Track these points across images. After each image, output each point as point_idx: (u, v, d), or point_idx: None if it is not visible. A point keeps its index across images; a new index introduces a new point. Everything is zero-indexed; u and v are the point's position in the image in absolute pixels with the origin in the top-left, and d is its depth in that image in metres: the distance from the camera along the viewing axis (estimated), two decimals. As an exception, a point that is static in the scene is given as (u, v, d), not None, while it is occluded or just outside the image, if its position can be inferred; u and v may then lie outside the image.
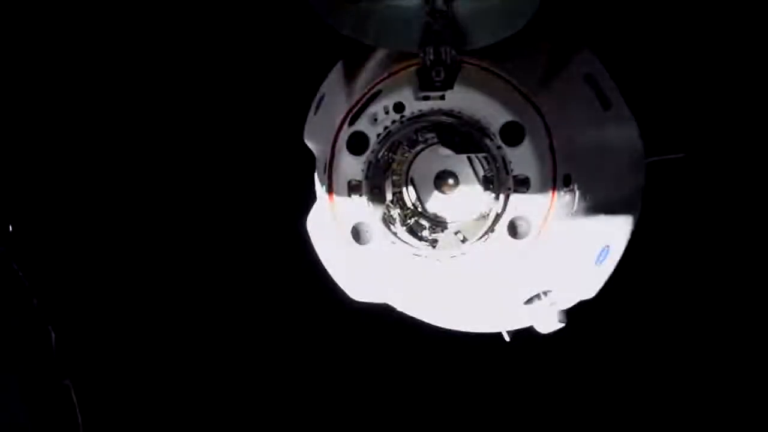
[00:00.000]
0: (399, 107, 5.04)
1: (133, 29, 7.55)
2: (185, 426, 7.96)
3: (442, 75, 4.99)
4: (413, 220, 5.11)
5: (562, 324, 5.70)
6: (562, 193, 5.03)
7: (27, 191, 7.71)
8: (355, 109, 5.13)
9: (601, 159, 5.34)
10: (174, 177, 7.83)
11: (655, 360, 7.78)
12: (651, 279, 7.58)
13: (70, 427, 6.99)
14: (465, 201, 5.09)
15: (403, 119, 5.02)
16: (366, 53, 5.38)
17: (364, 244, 5.13)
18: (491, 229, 4.98)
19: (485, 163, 5.02)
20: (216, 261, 7.92)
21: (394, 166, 5.10)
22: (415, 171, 5.13)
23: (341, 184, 5.12)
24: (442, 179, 5.12)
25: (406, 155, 5.09)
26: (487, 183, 5.03)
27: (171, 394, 7.92)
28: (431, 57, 5.00)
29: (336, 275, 5.55)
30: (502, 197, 4.96)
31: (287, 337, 7.97)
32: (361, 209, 5.08)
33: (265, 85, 7.67)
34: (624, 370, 7.81)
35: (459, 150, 5.01)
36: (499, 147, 4.96)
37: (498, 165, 4.96)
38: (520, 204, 4.97)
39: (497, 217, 4.97)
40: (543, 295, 5.34)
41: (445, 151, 5.04)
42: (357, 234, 5.13)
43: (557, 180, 5.01)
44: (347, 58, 5.48)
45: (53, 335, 6.98)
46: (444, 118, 4.98)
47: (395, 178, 5.10)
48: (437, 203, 5.14)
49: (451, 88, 4.98)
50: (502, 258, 5.04)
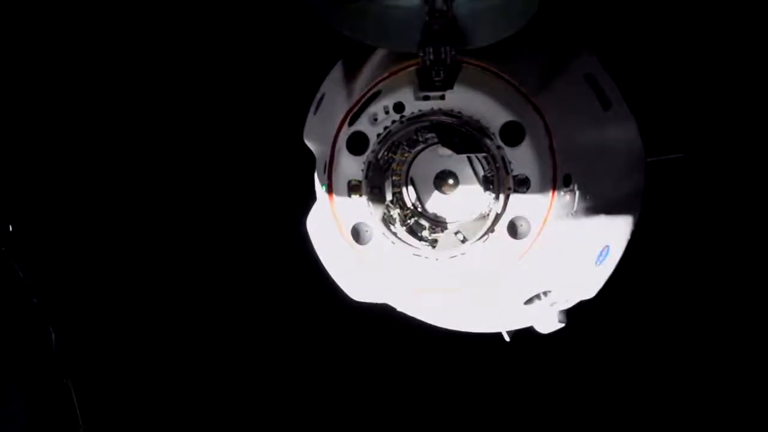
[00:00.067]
0: (399, 107, 5.03)
1: (133, 29, 7.56)
2: (185, 426, 7.97)
3: (442, 75, 4.99)
4: (413, 220, 5.10)
5: (562, 324, 5.70)
6: (562, 193, 5.02)
7: (27, 191, 7.71)
8: (355, 109, 5.13)
9: (601, 159, 5.33)
10: (174, 177, 7.83)
11: (655, 360, 7.78)
12: (651, 279, 7.59)
13: (70, 427, 6.99)
14: (465, 201, 5.09)
15: (403, 119, 5.02)
16: (366, 53, 5.37)
17: (364, 244, 5.13)
18: (491, 229, 4.98)
19: (485, 163, 5.02)
20: (216, 261, 7.92)
21: (394, 166, 5.09)
22: (415, 171, 5.13)
23: (341, 184, 5.12)
24: (442, 179, 5.12)
25: (406, 155, 5.09)
26: (487, 183, 5.02)
27: (171, 394, 7.92)
28: (431, 57, 5.00)
29: (336, 275, 5.54)
30: (502, 197, 4.96)
31: (287, 337, 7.98)
32: (361, 209, 5.08)
33: (265, 85, 7.67)
34: (624, 370, 7.81)
35: (459, 150, 5.00)
36: (499, 147, 4.95)
37: (498, 165, 4.95)
38: (520, 204, 4.97)
39: (497, 217, 4.97)
40: (543, 295, 5.33)
41: (445, 151, 5.04)
42: (357, 234, 5.13)
43: (557, 180, 5.01)
44: (347, 58, 5.48)
45: (53, 335, 6.98)
46: (444, 118, 4.97)
47: (395, 178, 5.10)
48: (437, 203, 5.13)
49: (451, 88, 4.98)
50: (502, 258, 5.03)
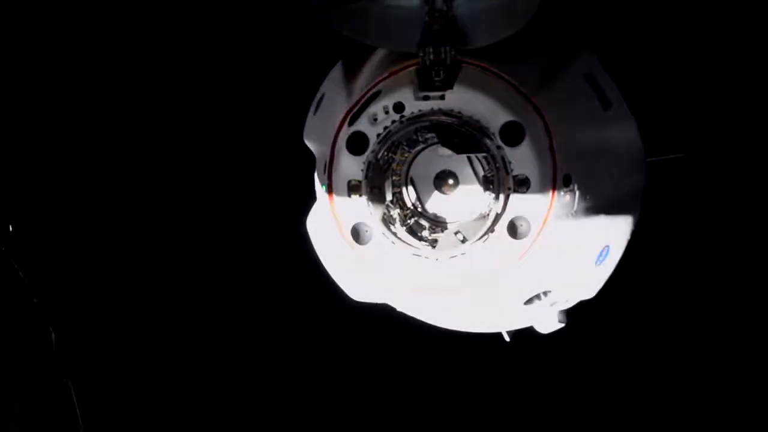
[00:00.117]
0: (399, 107, 5.03)
1: (133, 29, 7.55)
2: (185, 426, 7.97)
3: (441, 75, 4.99)
4: (413, 220, 5.10)
5: (562, 324, 5.70)
6: (562, 193, 5.02)
7: (27, 191, 7.71)
8: (355, 109, 5.13)
9: (601, 159, 5.33)
10: (174, 177, 7.83)
11: (655, 360, 7.78)
12: (651, 279, 7.59)
13: (70, 427, 6.99)
14: (465, 201, 5.09)
15: (403, 119, 5.02)
16: (366, 53, 5.37)
17: (364, 244, 5.13)
18: (491, 229, 4.97)
19: (485, 163, 5.02)
20: (216, 261, 7.92)
21: (393, 166, 5.09)
22: (415, 171, 5.13)
23: (341, 184, 5.12)
24: (442, 179, 5.11)
25: (405, 155, 5.09)
26: (487, 183, 5.02)
27: (171, 394, 7.92)
28: (431, 57, 4.99)
29: (336, 275, 5.54)
30: (502, 197, 4.96)
31: (287, 337, 7.97)
32: (361, 209, 5.08)
33: (265, 85, 7.67)
34: (624, 370, 7.81)
35: (459, 150, 5.00)
36: (499, 147, 4.95)
37: (498, 165, 4.95)
38: (520, 204, 4.97)
39: (497, 217, 4.97)
40: (543, 295, 5.33)
41: (445, 151, 5.04)
42: (357, 234, 5.13)
43: (557, 180, 5.00)
44: (347, 58, 5.47)
45: (53, 335, 6.98)
46: (444, 118, 4.97)
47: (395, 178, 5.10)
48: (437, 203, 5.13)
49: (451, 88, 4.98)
50: (502, 258, 5.03)
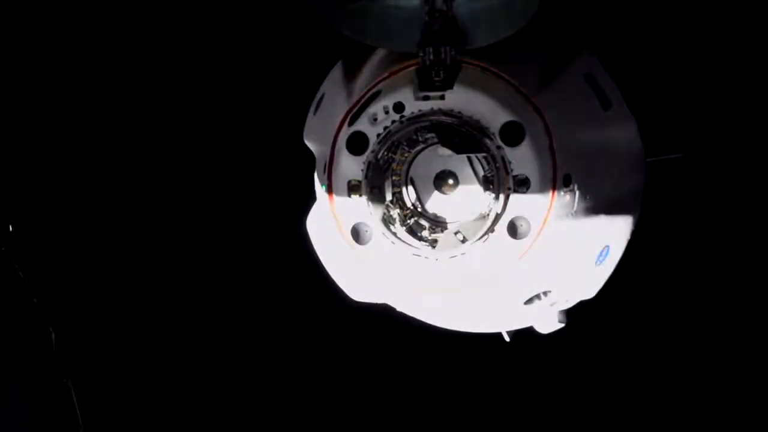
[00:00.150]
0: (399, 107, 5.03)
1: (133, 29, 7.55)
2: (185, 426, 7.97)
3: (441, 75, 4.98)
4: (413, 220, 5.10)
5: (562, 324, 5.70)
6: (562, 193, 5.02)
7: (27, 191, 7.71)
8: (355, 109, 5.13)
9: (601, 159, 5.33)
10: (174, 177, 7.83)
11: (655, 360, 7.78)
12: (651, 279, 7.59)
13: (70, 427, 6.99)
14: (465, 201, 5.09)
15: (403, 119, 5.02)
16: (366, 53, 5.37)
17: (364, 244, 5.13)
18: (491, 229, 4.97)
19: (485, 163, 5.02)
20: (216, 261, 7.92)
21: (393, 166, 5.09)
22: (415, 171, 5.13)
23: (341, 184, 5.12)
24: (441, 179, 5.11)
25: (405, 155, 5.09)
26: (487, 183, 5.02)
27: (171, 394, 7.92)
28: (431, 57, 4.99)
29: (336, 275, 5.54)
30: (502, 197, 4.96)
31: (287, 337, 7.97)
32: (361, 209, 5.08)
33: (265, 85, 7.67)
34: (624, 370, 7.81)
35: (459, 150, 5.00)
36: (499, 147, 4.95)
37: (498, 165, 4.95)
38: (520, 204, 4.97)
39: (497, 217, 4.97)
40: (543, 295, 5.33)
41: (445, 151, 5.04)
42: (357, 234, 5.13)
43: (557, 180, 5.00)
44: (347, 58, 5.47)
45: (53, 335, 6.98)
46: (444, 118, 4.97)
47: (395, 178, 5.10)
48: (437, 203, 5.13)
49: (451, 88, 4.98)
50: (502, 258, 5.03)
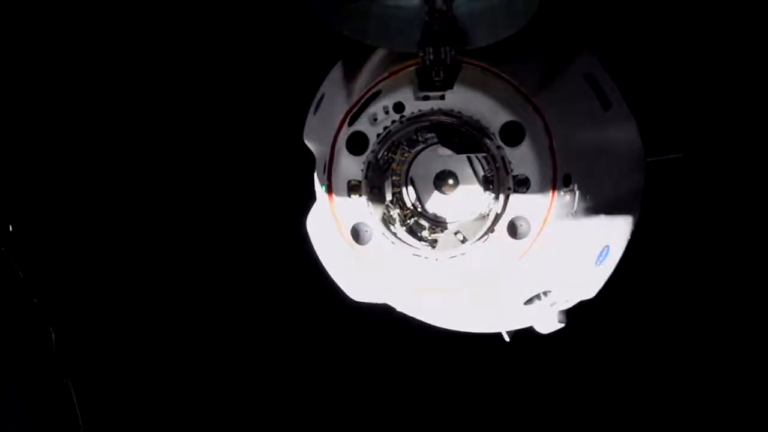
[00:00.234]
0: (399, 107, 5.03)
1: (133, 29, 7.55)
2: (185, 426, 7.97)
3: (441, 75, 4.98)
4: (413, 220, 5.10)
5: (562, 324, 5.70)
6: (562, 193, 5.02)
7: (27, 191, 7.71)
8: (355, 109, 5.13)
9: (601, 159, 5.33)
10: (174, 177, 7.83)
11: (655, 360, 7.78)
12: (651, 279, 7.59)
13: (70, 427, 6.99)
14: (465, 201, 5.09)
15: (403, 119, 5.02)
16: (366, 53, 5.37)
17: (364, 244, 5.13)
18: (491, 229, 4.97)
19: (485, 163, 5.02)
20: (216, 261, 7.92)
21: (393, 166, 5.09)
22: (415, 171, 5.13)
23: (341, 184, 5.12)
24: (441, 179, 5.11)
25: (405, 155, 5.09)
26: (487, 183, 5.02)
27: (171, 394, 7.92)
28: (431, 57, 4.99)
29: (336, 275, 5.54)
30: (502, 197, 4.96)
31: (287, 337, 7.97)
32: (361, 209, 5.08)
33: (265, 85, 7.66)
34: (624, 370, 7.81)
35: (459, 150, 5.00)
36: (499, 147, 4.95)
37: (498, 165, 4.95)
38: (520, 204, 4.97)
39: (497, 217, 4.97)
40: (543, 296, 5.33)
41: (445, 151, 5.04)
42: (357, 234, 5.13)
43: (557, 180, 5.00)
44: (347, 58, 5.47)
45: (53, 335, 6.98)
46: (444, 118, 4.97)
47: (395, 178, 5.10)
48: (437, 203, 5.13)
49: (451, 88, 4.98)
50: (502, 258, 5.03)
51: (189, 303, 7.92)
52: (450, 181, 5.11)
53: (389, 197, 5.08)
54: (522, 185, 4.96)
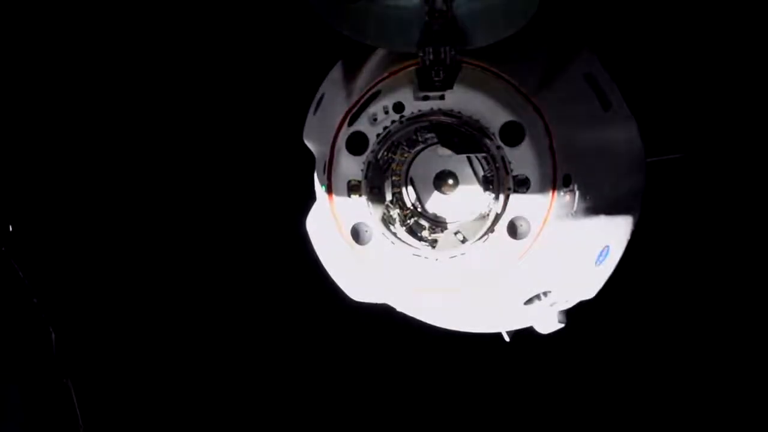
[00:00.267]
0: (398, 107, 5.03)
1: (133, 29, 7.55)
2: (185, 426, 7.97)
3: (441, 75, 4.98)
4: (413, 220, 5.10)
5: (562, 324, 5.70)
6: (562, 193, 5.02)
7: (27, 191, 7.71)
8: (355, 109, 5.13)
9: (601, 159, 5.33)
10: (174, 177, 7.83)
11: (655, 360, 7.78)
12: (651, 279, 7.59)
13: (70, 427, 6.99)
14: (465, 201, 5.09)
15: (403, 119, 5.02)
16: (366, 53, 5.37)
17: (363, 244, 5.13)
18: (491, 229, 4.97)
19: (485, 163, 5.02)
20: (216, 261, 7.92)
21: (393, 166, 5.09)
22: (415, 171, 5.13)
23: (341, 184, 5.12)
24: (441, 179, 5.11)
25: (405, 155, 5.09)
26: (487, 183, 5.02)
27: (171, 394, 7.92)
28: (431, 57, 4.99)
29: (336, 275, 5.54)
30: (501, 197, 4.95)
31: (287, 337, 7.97)
32: (361, 209, 5.08)
33: (266, 85, 7.66)
34: (624, 370, 7.81)
35: (459, 150, 5.00)
36: (499, 147, 4.95)
37: (498, 165, 4.95)
38: (519, 204, 4.97)
39: (497, 217, 4.97)
40: (543, 296, 5.33)
41: (445, 151, 5.04)
42: (357, 234, 5.13)
43: (557, 180, 5.00)
44: (347, 58, 5.47)
45: (53, 335, 6.98)
46: (444, 118, 4.97)
47: (395, 178, 5.10)
48: (437, 203, 5.13)
49: (451, 88, 4.98)
50: (502, 258, 5.03)
51: (189, 303, 7.92)
52: (450, 181, 5.11)
53: (389, 197, 5.08)
54: (522, 185, 4.96)
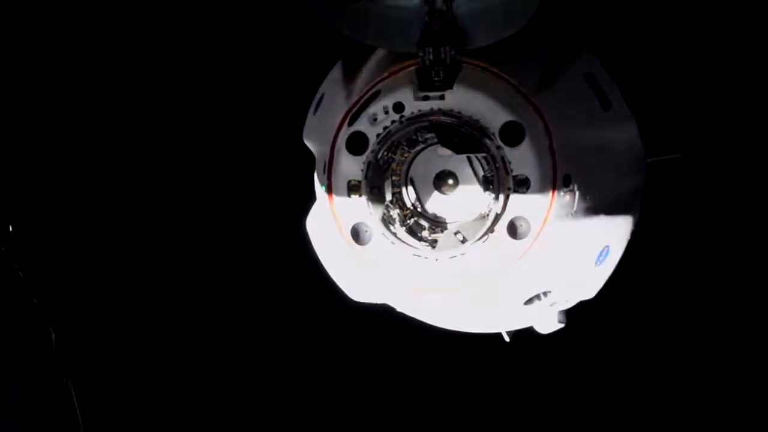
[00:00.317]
0: (398, 107, 5.03)
1: (133, 29, 7.55)
2: (185, 426, 7.97)
3: (441, 75, 4.98)
4: (413, 220, 5.10)
5: (562, 324, 5.70)
6: (562, 193, 5.02)
7: (27, 191, 7.71)
8: (355, 109, 5.13)
9: (601, 159, 5.33)
10: (174, 177, 7.83)
11: (655, 360, 7.78)
12: (651, 279, 7.58)
13: (70, 427, 6.99)
14: (465, 201, 5.09)
15: (403, 119, 5.02)
16: (366, 53, 5.37)
17: (363, 244, 5.13)
18: (491, 230, 4.97)
19: (485, 163, 5.02)
20: (216, 261, 7.92)
21: (393, 166, 5.09)
22: (415, 171, 5.13)
23: (341, 184, 5.12)
24: (441, 179, 5.11)
25: (405, 155, 5.09)
26: (487, 183, 5.02)
27: (171, 394, 7.92)
28: (431, 57, 4.99)
29: (336, 275, 5.54)
30: (501, 197, 4.96)
31: (287, 337, 7.97)
32: (361, 209, 5.08)
33: (265, 85, 7.66)
34: (624, 370, 7.81)
35: (459, 150, 5.00)
36: (499, 147, 4.95)
37: (498, 165, 4.95)
38: (519, 204, 4.97)
39: (497, 217, 4.97)
40: (543, 296, 5.33)
41: (445, 151, 5.04)
42: (357, 234, 5.13)
43: (557, 180, 5.00)
44: (347, 58, 5.47)
45: (53, 335, 6.98)
46: (443, 118, 4.97)
47: (395, 178, 5.10)
48: (437, 203, 5.13)
49: (451, 88, 4.98)
50: (502, 258, 5.03)
51: (189, 303, 7.92)
52: (450, 181, 5.11)
53: (389, 197, 5.08)
54: (522, 185, 4.96)
